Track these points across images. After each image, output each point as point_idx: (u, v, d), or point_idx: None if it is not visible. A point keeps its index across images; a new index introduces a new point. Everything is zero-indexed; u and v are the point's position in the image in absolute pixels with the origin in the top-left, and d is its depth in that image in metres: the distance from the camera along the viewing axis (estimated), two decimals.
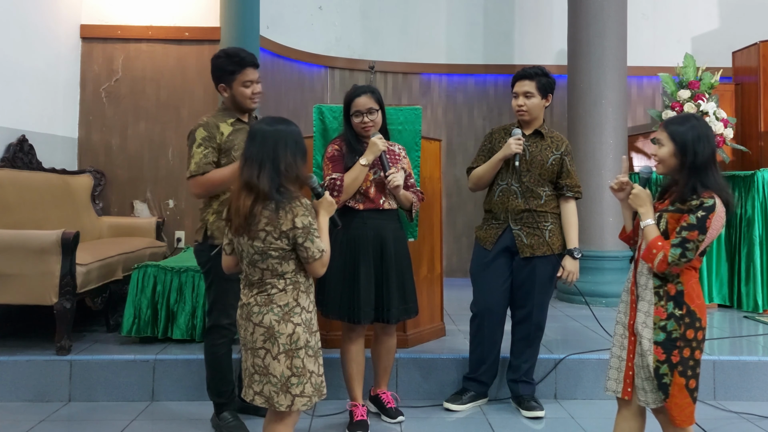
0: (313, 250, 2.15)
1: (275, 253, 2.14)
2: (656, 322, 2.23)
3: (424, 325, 3.90)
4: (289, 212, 2.12)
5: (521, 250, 3.22)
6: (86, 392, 3.45)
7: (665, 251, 2.18)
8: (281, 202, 2.12)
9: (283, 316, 2.15)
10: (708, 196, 2.17)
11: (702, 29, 7.00)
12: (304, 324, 2.18)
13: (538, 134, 3.27)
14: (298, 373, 2.14)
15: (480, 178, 3.31)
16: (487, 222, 3.34)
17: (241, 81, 2.92)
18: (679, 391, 2.20)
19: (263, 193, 2.12)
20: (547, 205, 3.24)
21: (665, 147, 2.27)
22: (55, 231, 3.50)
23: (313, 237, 2.16)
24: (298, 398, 2.15)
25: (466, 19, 7.05)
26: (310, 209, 2.18)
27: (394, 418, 3.19)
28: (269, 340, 2.14)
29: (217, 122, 2.93)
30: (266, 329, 2.15)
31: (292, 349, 2.14)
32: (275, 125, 2.22)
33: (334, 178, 2.95)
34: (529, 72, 3.22)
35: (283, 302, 2.16)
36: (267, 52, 5.93)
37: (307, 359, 2.17)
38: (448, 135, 6.94)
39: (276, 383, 2.14)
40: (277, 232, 2.13)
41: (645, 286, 2.30)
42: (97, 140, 5.43)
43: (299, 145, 2.22)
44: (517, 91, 3.23)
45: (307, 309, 2.22)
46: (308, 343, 2.19)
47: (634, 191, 2.33)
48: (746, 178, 5.10)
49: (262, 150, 2.16)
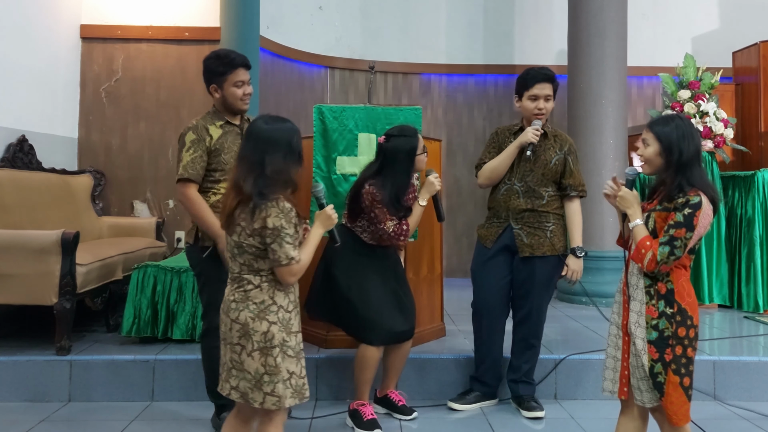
0: (279, 254, 2.11)
1: (250, 249, 2.15)
2: (648, 321, 2.25)
3: (424, 325, 3.90)
4: (263, 211, 2.11)
5: (521, 250, 3.22)
6: (86, 392, 3.45)
7: (654, 250, 2.20)
8: (258, 204, 2.11)
9: (258, 314, 2.15)
10: (694, 194, 2.20)
11: (702, 29, 6.99)
12: (280, 323, 2.16)
13: (543, 134, 3.27)
14: (271, 372, 2.13)
15: (494, 170, 3.28)
16: (489, 220, 3.35)
17: (232, 81, 2.91)
18: (674, 390, 2.21)
19: (247, 196, 2.12)
20: (549, 205, 3.24)
21: (651, 147, 2.30)
22: (55, 231, 3.50)
23: (282, 241, 2.10)
24: (269, 396, 2.13)
25: (466, 19, 7.04)
26: (286, 213, 2.12)
27: (409, 415, 3.23)
28: (244, 336, 2.15)
29: (207, 125, 2.92)
30: (242, 326, 2.15)
31: (267, 347, 2.13)
32: (271, 124, 2.20)
33: (402, 226, 3.04)
34: (549, 75, 3.22)
35: (259, 300, 2.16)
36: (267, 52, 5.93)
37: (283, 358, 2.15)
38: (448, 135, 6.94)
39: (250, 380, 2.14)
40: (250, 229, 2.13)
41: (636, 285, 2.31)
42: (97, 140, 5.43)
43: (292, 147, 2.18)
44: (537, 93, 3.20)
45: (286, 308, 2.20)
46: (285, 342, 2.17)
47: (621, 193, 2.36)
48: (746, 178, 5.10)
49: (253, 151, 2.16)
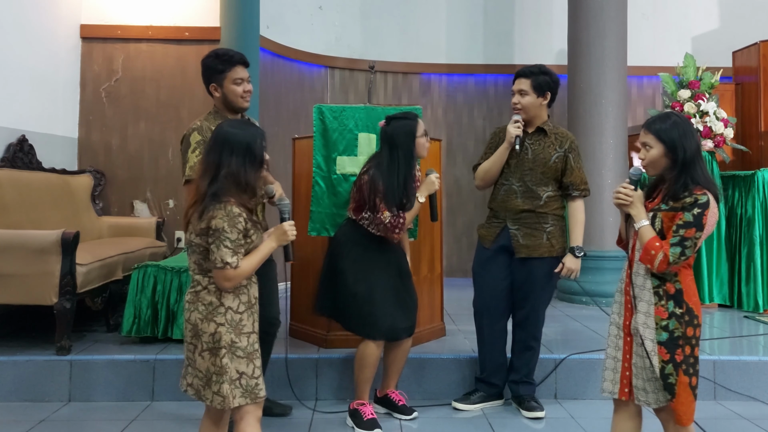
0: (215, 256, 2.11)
1: (198, 249, 2.18)
2: (658, 322, 2.22)
3: (424, 325, 3.90)
4: (209, 212, 2.12)
5: (517, 251, 3.21)
6: (86, 392, 3.45)
7: (665, 251, 2.17)
8: (207, 205, 2.13)
9: (207, 315, 2.16)
10: (701, 193, 2.18)
11: (702, 29, 6.99)
12: (228, 324, 2.16)
13: (541, 131, 3.25)
14: (218, 371, 2.14)
15: (486, 172, 3.29)
16: (489, 220, 3.35)
17: (231, 79, 2.92)
18: (684, 390, 2.19)
19: (201, 196, 2.15)
20: (547, 206, 3.22)
21: (654, 149, 2.25)
22: (55, 231, 3.50)
23: (221, 244, 2.10)
24: (216, 396, 2.15)
25: (466, 19, 7.04)
26: (232, 217, 2.11)
27: (409, 415, 3.23)
28: (195, 336, 2.18)
29: (211, 125, 2.92)
30: (192, 326, 2.18)
31: (215, 347, 2.14)
32: (234, 128, 2.22)
33: (399, 217, 3.02)
34: (525, 70, 3.23)
35: (207, 301, 2.17)
36: (267, 52, 5.93)
37: (231, 359, 2.15)
38: (448, 135, 6.94)
39: (201, 378, 2.18)
40: (197, 229, 2.15)
41: (642, 286, 2.28)
42: (97, 140, 5.43)
43: (251, 151, 2.19)
44: (513, 89, 3.25)
45: (236, 309, 2.19)
46: (234, 343, 2.16)
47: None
48: (746, 178, 5.10)
49: (211, 153, 2.19)
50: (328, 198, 3.53)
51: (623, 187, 2.31)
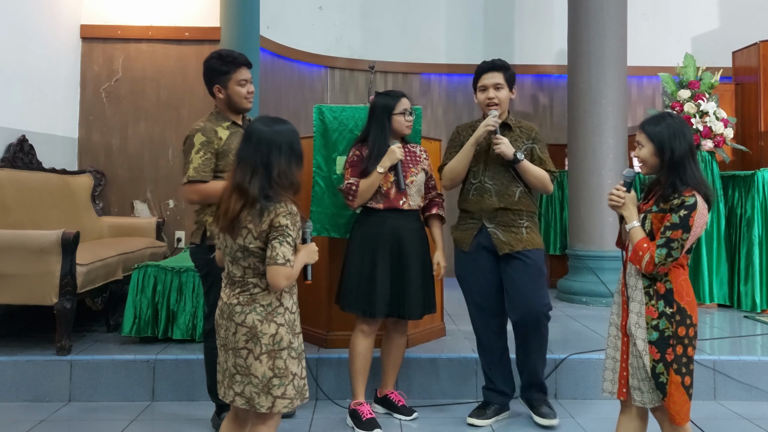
0: (278, 251, 2.06)
1: (256, 252, 2.11)
2: (648, 321, 2.25)
3: (424, 325, 3.90)
4: (271, 213, 2.08)
5: (499, 248, 3.06)
6: (86, 392, 3.45)
7: (651, 252, 2.20)
8: (266, 207, 2.09)
9: (266, 316, 2.12)
10: (689, 194, 2.19)
11: (702, 29, 7.00)
12: (287, 324, 2.14)
13: (506, 126, 3.15)
14: (280, 374, 2.11)
15: (453, 170, 3.15)
16: (463, 222, 3.22)
17: (236, 80, 2.92)
18: (676, 389, 2.21)
19: (252, 198, 2.09)
20: (521, 203, 3.09)
21: (645, 148, 2.30)
22: (55, 231, 3.50)
23: (284, 240, 2.07)
24: (279, 400, 2.11)
25: (466, 19, 7.05)
26: (293, 215, 2.11)
27: (409, 416, 3.22)
28: (251, 340, 2.11)
29: (214, 127, 2.92)
30: (249, 329, 2.11)
31: (275, 349, 2.11)
32: (272, 126, 2.17)
33: (350, 183, 3.02)
34: (497, 64, 3.14)
35: (266, 302, 2.13)
36: (267, 52, 5.94)
37: (289, 360, 2.13)
38: (448, 135, 6.84)
39: (257, 384, 2.11)
40: (257, 231, 2.09)
41: (635, 286, 2.31)
42: (97, 140, 5.44)
43: (294, 150, 2.17)
44: (486, 83, 3.11)
45: (291, 310, 2.18)
46: (291, 344, 2.15)
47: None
48: (746, 178, 5.10)
49: (256, 153, 2.13)
50: (328, 198, 3.53)
51: (616, 188, 2.37)
